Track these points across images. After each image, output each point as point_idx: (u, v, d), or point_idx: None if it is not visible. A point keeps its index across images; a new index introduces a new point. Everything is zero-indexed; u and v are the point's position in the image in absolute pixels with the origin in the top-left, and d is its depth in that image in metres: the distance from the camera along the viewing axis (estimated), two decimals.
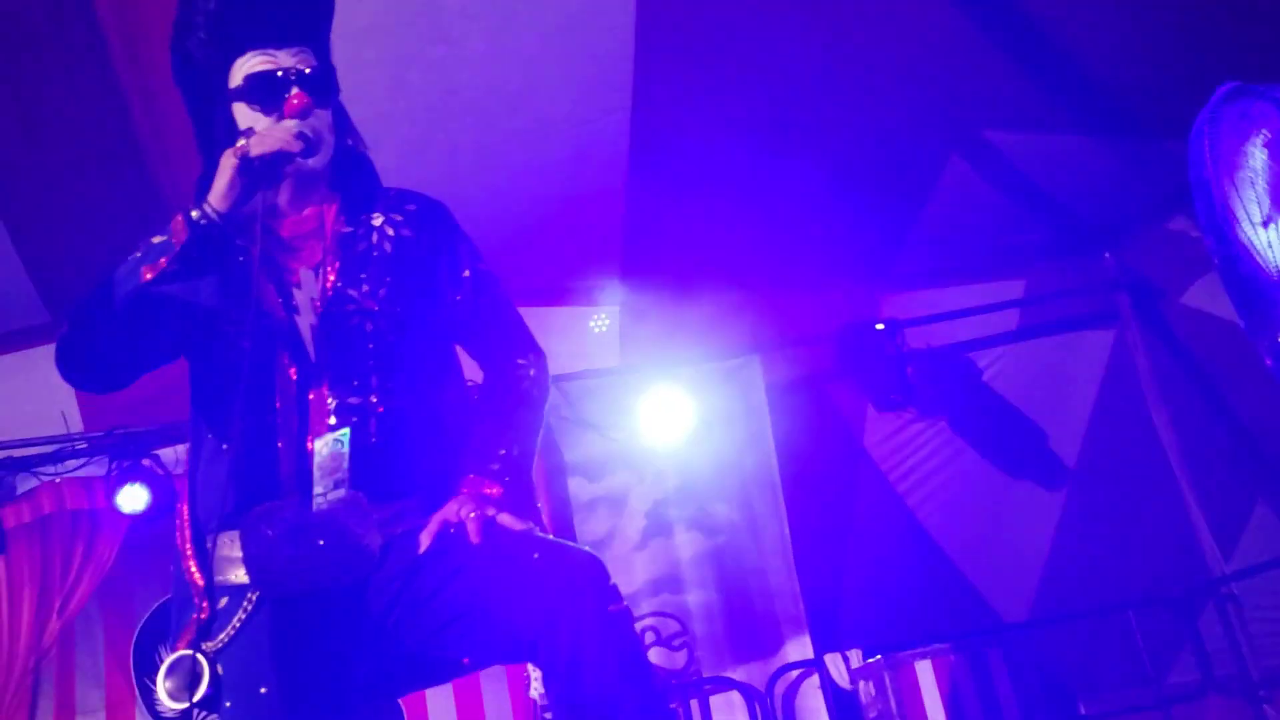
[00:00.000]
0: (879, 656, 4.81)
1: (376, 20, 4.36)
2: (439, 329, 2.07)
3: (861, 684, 4.88)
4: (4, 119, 4.41)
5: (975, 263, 6.04)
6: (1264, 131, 3.63)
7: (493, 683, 5.21)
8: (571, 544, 1.85)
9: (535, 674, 3.91)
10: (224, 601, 1.90)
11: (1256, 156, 3.61)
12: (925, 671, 4.60)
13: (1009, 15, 4.49)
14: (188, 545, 1.97)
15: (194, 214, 1.78)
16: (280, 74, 1.91)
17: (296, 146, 1.83)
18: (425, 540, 1.87)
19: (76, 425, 5.52)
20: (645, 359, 5.97)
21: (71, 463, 5.48)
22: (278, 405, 1.90)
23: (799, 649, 5.70)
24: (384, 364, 1.94)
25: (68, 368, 1.89)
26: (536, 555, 1.77)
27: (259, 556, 1.84)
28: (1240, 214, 3.74)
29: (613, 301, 6.01)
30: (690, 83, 4.76)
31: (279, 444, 1.89)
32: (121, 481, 5.33)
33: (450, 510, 1.89)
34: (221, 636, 1.87)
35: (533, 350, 2.15)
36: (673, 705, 1.77)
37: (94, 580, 5.38)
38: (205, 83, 1.97)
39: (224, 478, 1.86)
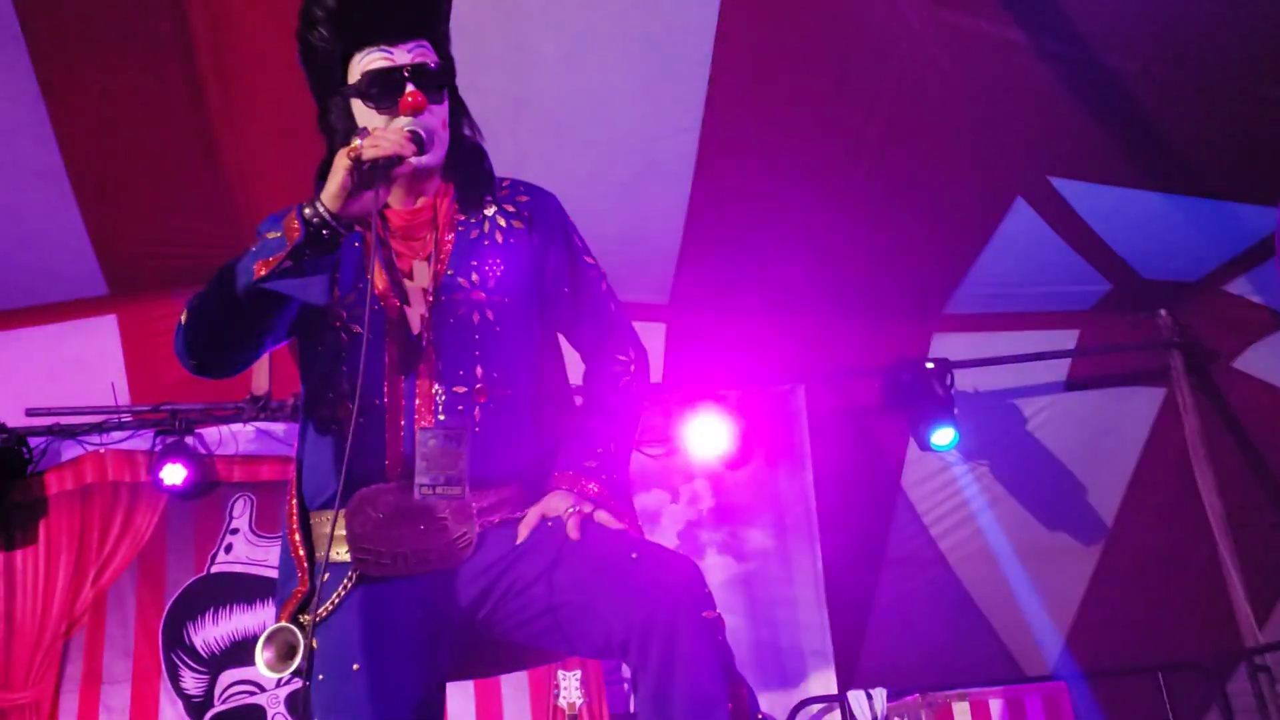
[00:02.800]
0: (917, 695, 4.76)
1: (454, 21, 4.41)
2: (545, 320, 2.10)
3: None
4: (85, 90, 4.48)
5: (1031, 309, 6.00)
6: None
7: (513, 689, 5.19)
8: (668, 548, 1.86)
9: (565, 682, 3.90)
10: (325, 577, 1.93)
11: None
12: (963, 713, 4.56)
13: (1088, 66, 4.47)
14: (294, 520, 2.01)
15: (307, 211, 1.79)
16: (396, 72, 1.93)
17: (409, 150, 1.84)
18: (523, 532, 1.90)
19: (124, 398, 5.59)
20: (689, 379, 5.96)
21: (117, 434, 5.54)
22: (385, 390, 1.94)
23: (823, 683, 5.67)
24: (489, 354, 1.97)
25: (186, 355, 1.92)
26: (635, 555, 1.80)
27: (362, 537, 1.89)
28: None
29: (660, 318, 6.01)
30: (760, 108, 4.76)
31: (386, 430, 1.92)
32: (164, 457, 5.38)
33: (548, 504, 1.92)
34: (321, 611, 1.91)
35: (634, 347, 2.18)
36: (760, 717, 1.77)
37: (130, 552, 5.42)
38: (327, 72, 1.99)
39: (331, 459, 1.92)
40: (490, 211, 2.06)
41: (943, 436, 5.74)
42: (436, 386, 1.93)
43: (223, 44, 4.37)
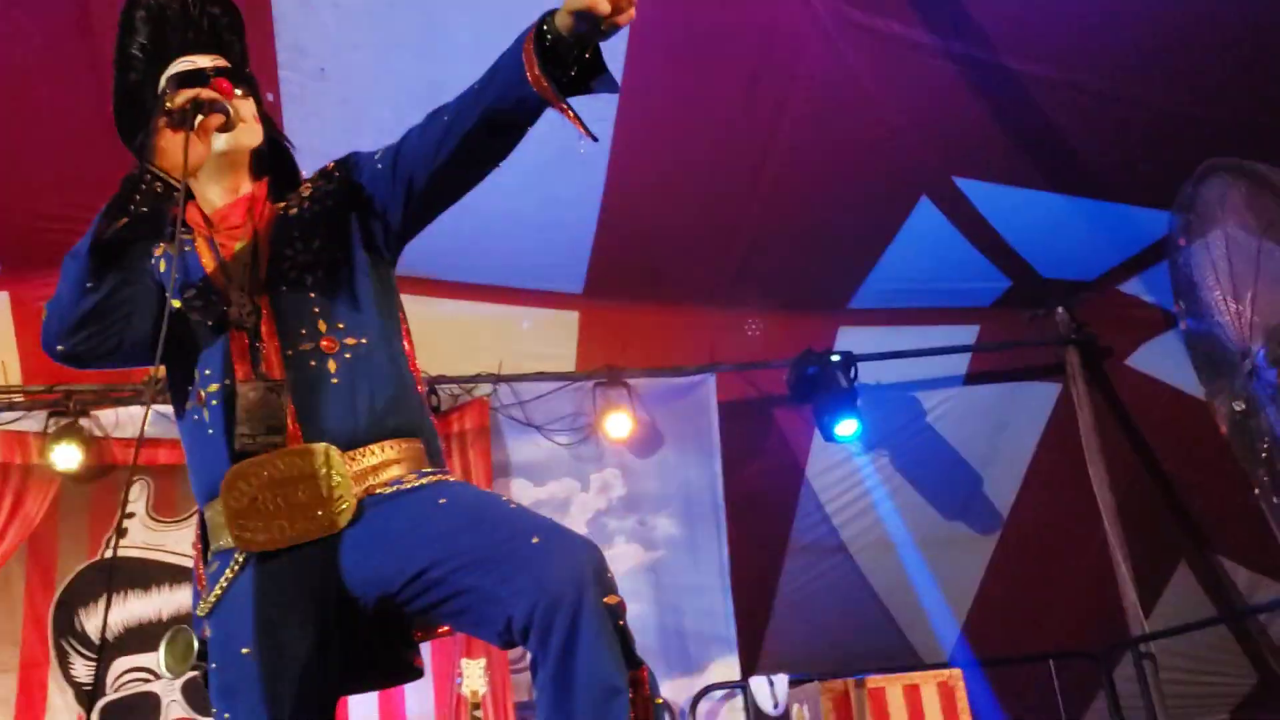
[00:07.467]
0: (816, 681, 4.85)
1: (368, 2, 4.39)
2: (375, 270, 2.12)
3: (795, 707, 4.92)
4: None
5: (933, 304, 6.14)
6: (1238, 208, 3.75)
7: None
8: (570, 530, 1.85)
9: (468, 671, 3.88)
10: (214, 566, 1.95)
11: (1230, 231, 3.72)
12: (860, 700, 4.65)
13: (992, 69, 4.58)
14: (198, 527, 2.05)
15: (133, 172, 1.85)
16: (200, 71, 2.06)
17: (213, 95, 1.92)
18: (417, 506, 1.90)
19: (16, 377, 5.42)
20: (601, 367, 5.98)
21: (7, 415, 5.36)
22: (236, 368, 1.96)
23: (726, 669, 5.73)
24: (329, 307, 2.01)
25: (52, 341, 1.91)
26: (537, 540, 1.78)
27: (239, 513, 1.89)
28: (1210, 283, 3.86)
29: (573, 306, 6.01)
30: (673, 100, 4.78)
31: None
32: (57, 439, 5.23)
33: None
34: (210, 599, 1.91)
35: None
36: (660, 700, 1.76)
37: (20, 536, 5.23)
38: (141, 106, 2.11)
39: (203, 449, 1.96)
40: (305, 192, 2.14)
41: (846, 428, 5.84)
42: (284, 349, 1.97)
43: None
